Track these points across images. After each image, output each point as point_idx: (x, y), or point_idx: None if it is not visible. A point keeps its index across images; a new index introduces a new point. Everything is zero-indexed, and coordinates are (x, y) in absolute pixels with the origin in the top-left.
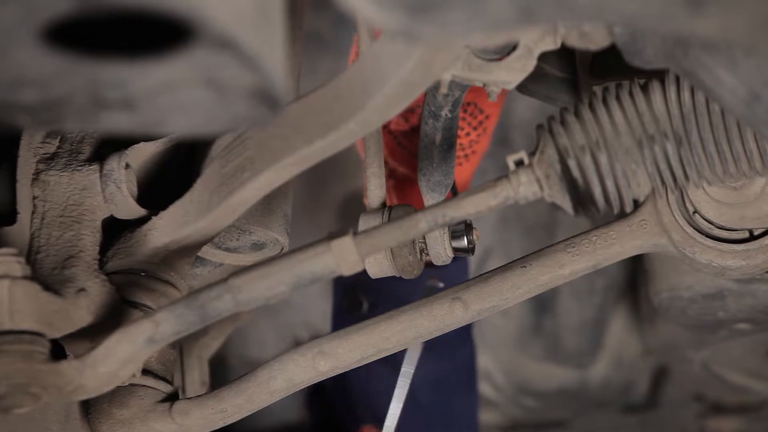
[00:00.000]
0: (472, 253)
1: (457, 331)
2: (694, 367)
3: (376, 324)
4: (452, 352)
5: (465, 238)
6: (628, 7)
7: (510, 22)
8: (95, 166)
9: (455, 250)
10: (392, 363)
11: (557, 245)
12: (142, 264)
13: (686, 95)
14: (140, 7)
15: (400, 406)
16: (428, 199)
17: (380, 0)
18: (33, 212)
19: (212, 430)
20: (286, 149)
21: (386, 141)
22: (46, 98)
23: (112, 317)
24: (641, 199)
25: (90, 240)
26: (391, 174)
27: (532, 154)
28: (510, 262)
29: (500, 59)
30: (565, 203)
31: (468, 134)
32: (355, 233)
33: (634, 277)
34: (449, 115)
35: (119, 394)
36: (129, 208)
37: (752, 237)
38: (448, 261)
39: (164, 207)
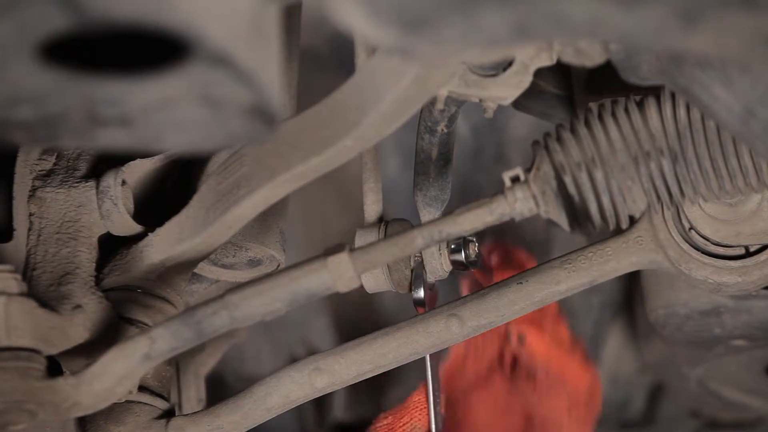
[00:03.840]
0: (474, 267)
1: None
2: (690, 384)
3: (373, 340)
4: None
5: (462, 252)
6: (623, 24)
7: (505, 39)
8: (91, 183)
9: (455, 263)
10: None
11: (553, 261)
12: (138, 280)
13: (682, 112)
14: (136, 24)
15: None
16: (425, 214)
17: (376, 17)
18: (29, 229)
19: None
20: (281, 166)
21: None
22: (42, 115)
23: (109, 334)
24: (637, 215)
25: (86, 257)
26: None
27: (528, 171)
28: (506, 278)
29: (496, 75)
30: (561, 219)
31: None
32: (352, 250)
33: (631, 293)
34: (445, 131)
35: (115, 411)
36: (125, 225)
37: (748, 253)
38: (445, 276)
39: (160, 224)
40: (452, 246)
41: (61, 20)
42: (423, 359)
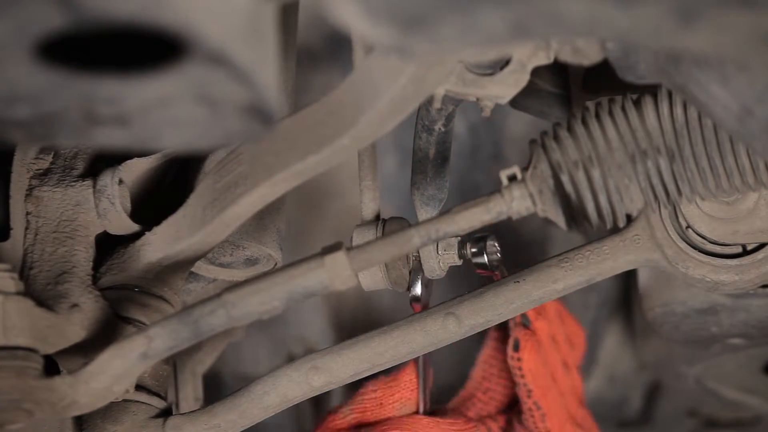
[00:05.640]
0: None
1: None
2: (688, 383)
3: (370, 339)
4: None
5: (485, 255)
6: (620, 23)
7: (502, 38)
8: (89, 182)
9: (476, 266)
10: None
11: (550, 260)
12: (135, 279)
13: (679, 110)
14: (133, 24)
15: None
16: (422, 213)
17: (373, 15)
18: (26, 228)
19: None
20: (279, 164)
21: None
22: (39, 114)
23: (106, 333)
24: (634, 214)
25: (83, 256)
26: None
27: (525, 169)
28: (503, 277)
29: (493, 74)
30: (558, 218)
31: None
32: (349, 248)
33: (628, 292)
34: (443, 129)
35: (113, 410)
36: (122, 224)
37: (745, 252)
38: (443, 275)
39: (158, 223)
40: (473, 250)
41: (59, 19)
42: None
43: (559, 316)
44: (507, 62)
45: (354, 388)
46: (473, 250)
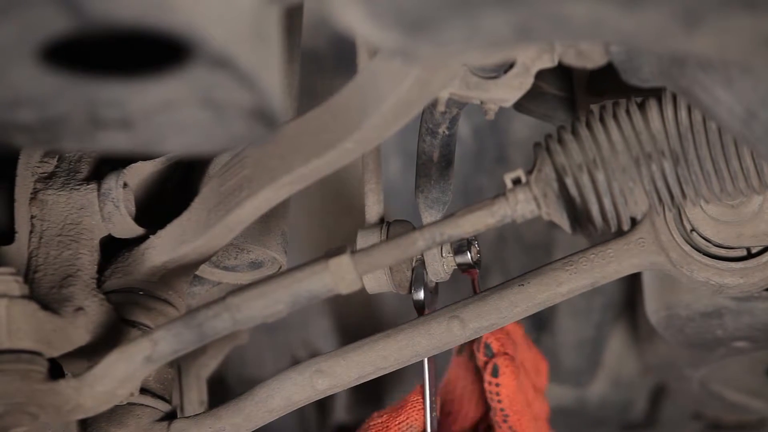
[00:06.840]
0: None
1: None
2: (692, 386)
3: (374, 342)
4: None
5: (468, 254)
6: (624, 26)
7: (507, 41)
8: (93, 186)
9: (459, 265)
10: None
11: (555, 263)
12: (140, 283)
13: (683, 114)
14: (137, 27)
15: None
16: (426, 216)
17: (377, 19)
18: (31, 231)
19: None
20: (283, 168)
21: None
22: (43, 117)
23: (110, 336)
24: (639, 217)
25: (88, 259)
26: None
27: (529, 173)
28: (508, 281)
29: (497, 77)
30: (563, 221)
31: None
32: (353, 252)
33: (633, 295)
34: (447, 133)
35: (117, 414)
36: (127, 228)
37: (750, 255)
38: (447, 277)
39: (162, 226)
40: (455, 247)
41: (62, 22)
42: (421, 360)
43: (525, 341)
44: (511, 65)
45: (358, 391)
46: (455, 246)
